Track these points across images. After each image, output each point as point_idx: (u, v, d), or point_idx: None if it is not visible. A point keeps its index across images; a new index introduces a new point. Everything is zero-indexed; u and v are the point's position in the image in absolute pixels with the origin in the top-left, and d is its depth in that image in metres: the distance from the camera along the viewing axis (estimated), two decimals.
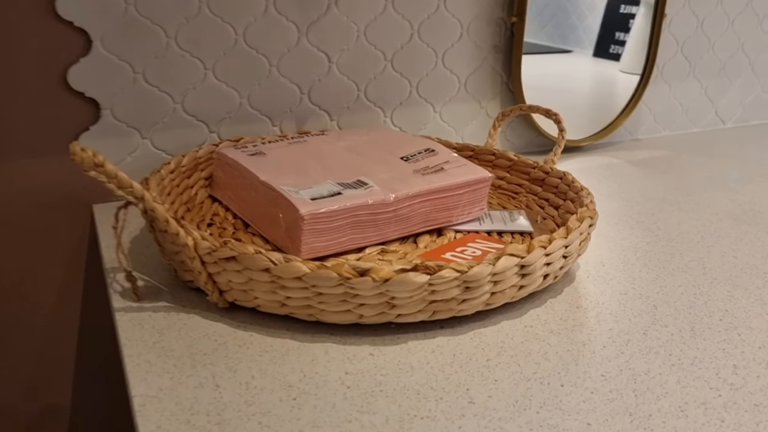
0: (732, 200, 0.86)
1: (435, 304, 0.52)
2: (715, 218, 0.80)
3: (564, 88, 1.05)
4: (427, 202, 0.66)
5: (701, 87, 1.18)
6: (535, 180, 0.78)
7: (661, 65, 1.12)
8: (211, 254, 0.53)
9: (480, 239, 0.66)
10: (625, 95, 1.09)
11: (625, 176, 0.95)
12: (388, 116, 0.93)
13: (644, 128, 1.16)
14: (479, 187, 0.70)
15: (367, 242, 0.64)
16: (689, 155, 1.07)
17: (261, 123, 0.86)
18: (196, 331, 0.53)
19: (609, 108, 1.09)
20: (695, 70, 1.16)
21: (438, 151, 0.74)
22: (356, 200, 0.62)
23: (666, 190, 0.90)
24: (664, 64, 1.12)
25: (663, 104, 1.15)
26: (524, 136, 1.04)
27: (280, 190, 0.62)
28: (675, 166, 1.01)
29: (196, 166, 0.76)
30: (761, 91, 1.26)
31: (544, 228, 0.71)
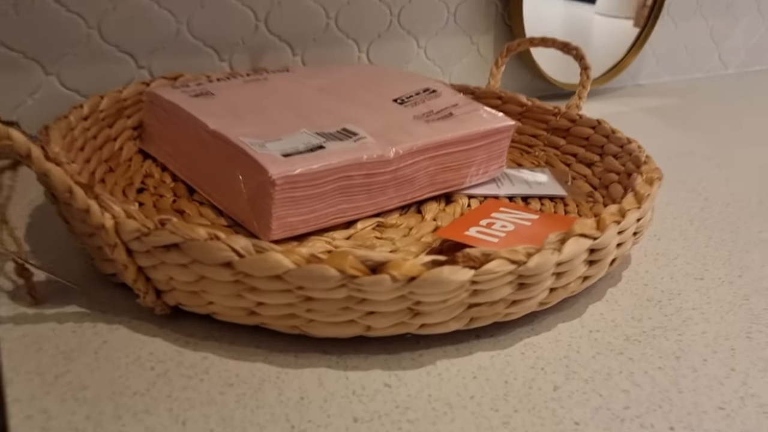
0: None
1: (476, 308, 0.36)
2: (765, 175, 0.66)
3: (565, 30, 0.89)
4: (435, 158, 0.50)
5: (707, 26, 1.04)
6: (556, 130, 0.63)
7: (668, 2, 0.97)
8: (141, 240, 0.35)
9: (504, 207, 0.50)
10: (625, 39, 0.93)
11: (641, 127, 0.81)
12: (363, 51, 0.75)
13: (647, 73, 1.02)
14: (500, 139, 0.53)
15: (359, 214, 0.47)
16: (701, 103, 0.93)
17: (205, 57, 0.67)
18: (123, 354, 0.36)
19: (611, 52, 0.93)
20: (702, 8, 1.02)
21: (440, 91, 0.57)
22: (346, 156, 0.45)
23: (693, 143, 0.76)
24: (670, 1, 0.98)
25: (667, 46, 1.01)
26: (520, 79, 0.88)
27: (239, 143, 0.45)
28: (691, 115, 0.87)
29: (119, 111, 0.57)
30: (765, 32, 1.13)
31: (578, 191, 0.55)
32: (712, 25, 1.05)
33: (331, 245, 0.45)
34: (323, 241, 0.45)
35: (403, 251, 0.45)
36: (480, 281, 0.34)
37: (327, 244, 0.45)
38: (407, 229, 0.48)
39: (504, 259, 0.34)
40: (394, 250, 0.45)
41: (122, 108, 0.57)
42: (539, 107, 0.64)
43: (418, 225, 0.48)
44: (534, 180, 0.56)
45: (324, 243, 0.45)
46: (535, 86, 0.89)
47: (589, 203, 0.54)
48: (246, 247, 0.33)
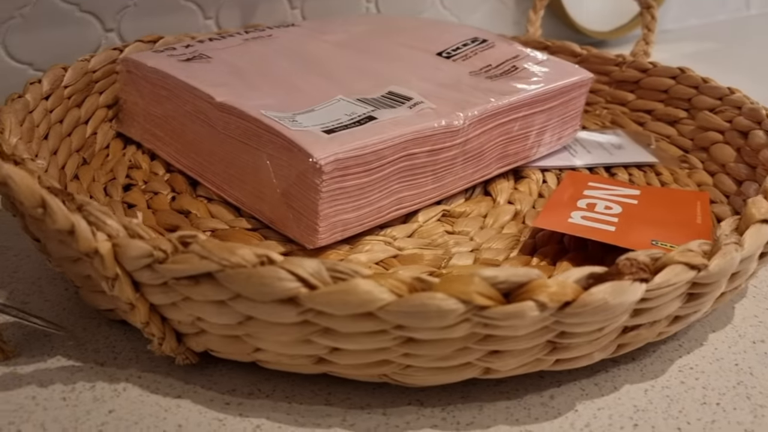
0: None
1: (632, 332, 0.26)
2: None
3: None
4: (506, 124, 0.39)
5: None
6: (621, 83, 0.52)
7: None
8: (153, 269, 0.24)
9: (593, 182, 0.40)
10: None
11: None
12: (371, 1, 0.63)
13: (671, 16, 0.92)
14: (576, 96, 0.43)
15: (421, 202, 0.37)
16: (739, 48, 0.84)
17: (186, 14, 0.55)
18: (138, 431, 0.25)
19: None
20: None
21: (492, 40, 0.46)
22: (407, 127, 0.34)
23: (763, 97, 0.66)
24: None
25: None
26: (550, 29, 0.77)
27: (262, 119, 0.33)
28: (738, 62, 0.78)
29: (88, 86, 0.44)
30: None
31: (666, 155, 0.45)
32: None
33: (393, 247, 0.34)
34: (382, 242, 0.34)
35: (487, 249, 0.34)
36: (651, 297, 0.24)
37: (388, 246, 0.34)
38: (480, 217, 0.37)
39: (681, 264, 0.24)
40: (475, 249, 0.34)
41: (91, 81, 0.44)
42: (598, 56, 0.53)
43: (492, 211, 0.38)
44: (610, 146, 0.46)
45: (383, 245, 0.34)
46: (560, 35, 0.78)
47: (685, 169, 0.44)
48: (318, 273, 0.22)
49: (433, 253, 0.33)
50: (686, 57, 0.78)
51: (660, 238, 0.32)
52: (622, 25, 0.82)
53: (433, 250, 0.34)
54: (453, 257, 0.33)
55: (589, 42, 0.80)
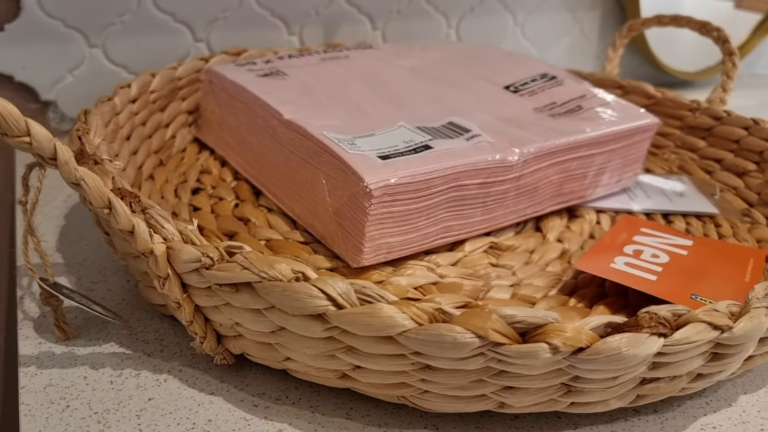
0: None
1: (651, 385, 0.26)
2: None
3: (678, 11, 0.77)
4: (564, 163, 0.39)
5: None
6: (693, 129, 0.51)
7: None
8: (200, 273, 0.26)
9: (646, 228, 0.40)
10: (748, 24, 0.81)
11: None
12: (452, 27, 0.65)
13: (765, 61, 0.89)
14: (640, 140, 0.43)
15: (469, 232, 0.38)
16: None
17: (272, 29, 0.58)
18: (173, 420, 0.27)
19: None
20: None
21: (562, 77, 0.47)
22: (460, 159, 0.35)
23: None
24: None
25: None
26: (633, 67, 0.76)
27: (323, 140, 0.35)
28: None
29: (173, 92, 0.48)
30: None
31: (728, 207, 0.44)
32: None
33: (435, 273, 0.35)
34: (424, 267, 0.35)
35: (527, 286, 0.35)
36: (669, 353, 0.24)
37: (430, 272, 0.35)
38: (527, 253, 0.38)
39: (703, 323, 0.24)
40: (515, 284, 0.35)
41: (176, 88, 0.48)
42: (672, 100, 0.53)
43: (540, 248, 0.38)
44: (672, 192, 0.45)
45: (426, 270, 0.35)
46: (642, 73, 0.77)
47: (746, 223, 0.43)
48: (346, 294, 0.24)
49: (473, 284, 0.34)
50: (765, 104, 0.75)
51: (701, 292, 0.32)
52: (710, 67, 0.80)
53: (473, 281, 0.35)
54: (491, 290, 0.34)
55: (674, 82, 0.78)
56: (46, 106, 0.52)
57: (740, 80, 0.85)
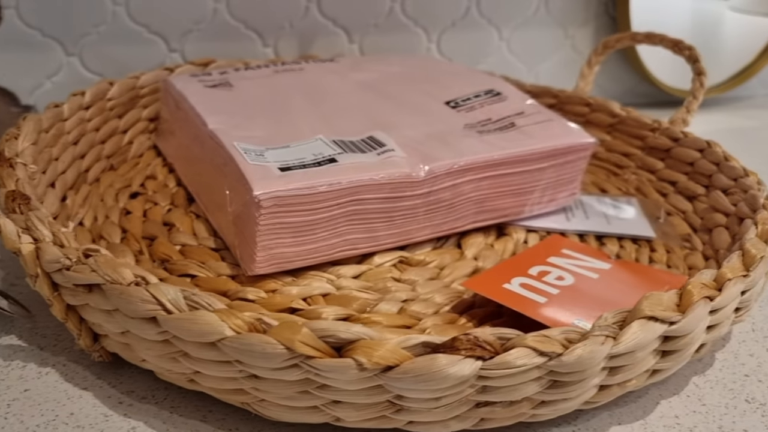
0: None
1: (488, 408, 0.26)
2: None
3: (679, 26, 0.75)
4: (485, 180, 0.39)
5: None
6: (653, 150, 0.50)
7: None
8: (63, 274, 0.27)
9: (568, 248, 0.39)
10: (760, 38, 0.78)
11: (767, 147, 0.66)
12: (432, 41, 0.65)
13: None
14: (573, 160, 0.42)
15: (378, 245, 0.38)
16: None
17: (246, 41, 0.59)
18: (37, 412, 0.28)
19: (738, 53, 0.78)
20: None
21: (506, 94, 0.46)
22: (360, 174, 0.35)
23: None
24: None
25: None
26: (622, 82, 0.75)
27: (230, 149, 0.36)
28: None
29: (133, 100, 0.50)
30: None
31: (671, 232, 0.43)
32: None
33: (333, 285, 0.35)
34: (324, 278, 0.36)
35: (423, 301, 0.35)
36: (492, 377, 0.24)
37: (328, 283, 0.35)
38: (438, 269, 0.38)
39: (529, 348, 0.24)
40: (410, 299, 0.35)
41: (137, 97, 0.50)
42: (635, 119, 0.51)
43: (453, 264, 0.38)
44: (615, 213, 0.44)
45: (323, 281, 0.36)
46: (641, 91, 0.75)
47: (685, 250, 0.42)
48: (176, 300, 0.25)
49: (367, 297, 0.35)
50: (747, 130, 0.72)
51: (588, 318, 0.31)
52: (718, 84, 0.77)
53: (369, 294, 0.35)
54: (379, 304, 0.34)
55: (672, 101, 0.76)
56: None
57: (755, 100, 0.82)
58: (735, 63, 0.79)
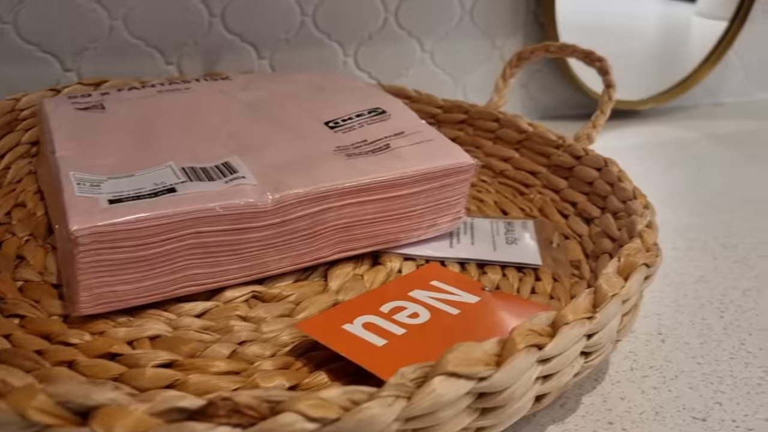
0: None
1: None
2: None
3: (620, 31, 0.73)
4: (348, 207, 0.37)
5: None
6: (558, 167, 0.47)
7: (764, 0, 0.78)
8: None
9: (438, 280, 0.36)
10: (704, 44, 0.75)
11: (704, 159, 0.63)
12: (349, 55, 0.63)
13: (730, 88, 0.82)
14: (454, 183, 0.39)
15: (226, 280, 0.35)
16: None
17: (147, 59, 0.57)
18: None
19: (682, 61, 0.76)
20: None
21: (392, 113, 0.44)
22: (193, 205, 0.32)
23: None
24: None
25: (760, 54, 0.81)
26: (558, 93, 0.72)
27: (63, 180, 0.34)
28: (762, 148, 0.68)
29: (11, 123, 0.47)
30: None
31: (562, 259, 0.40)
32: None
33: (170, 325, 0.33)
34: (163, 318, 0.33)
35: (263, 342, 0.32)
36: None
37: (165, 324, 0.33)
38: (293, 304, 0.35)
39: (299, 414, 0.21)
40: (249, 341, 0.32)
41: (15, 120, 0.47)
42: (540, 136, 0.49)
43: (312, 298, 0.36)
44: (506, 238, 0.42)
45: (162, 322, 0.33)
46: (577, 102, 0.73)
47: (573, 278, 0.39)
48: None
49: (205, 338, 0.32)
50: (714, 138, 0.69)
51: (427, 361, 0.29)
52: (657, 94, 0.75)
53: (208, 335, 0.32)
54: (212, 346, 0.31)
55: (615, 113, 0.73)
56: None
57: (699, 110, 0.79)
58: (678, 71, 0.76)
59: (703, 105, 0.81)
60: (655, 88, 0.75)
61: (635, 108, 0.73)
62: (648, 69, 0.75)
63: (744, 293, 0.41)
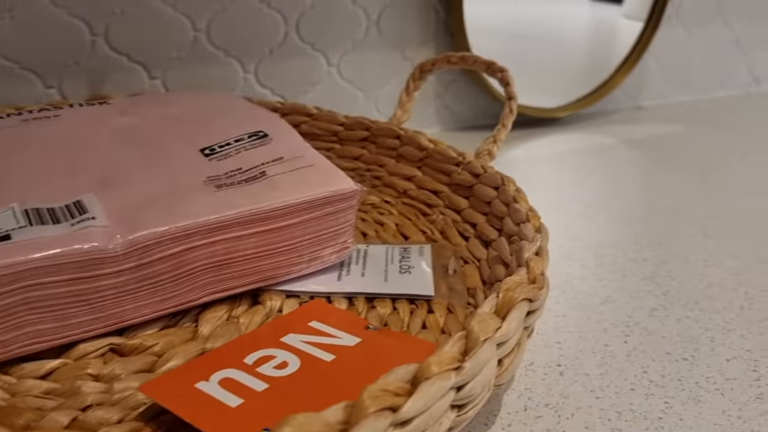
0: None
1: None
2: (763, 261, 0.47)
3: (539, 35, 0.71)
4: (217, 245, 0.33)
5: (731, 34, 0.84)
6: (459, 186, 0.45)
7: (677, 2, 0.78)
8: None
9: (317, 321, 0.33)
10: (626, 47, 0.75)
11: (621, 167, 0.62)
12: (249, 72, 0.59)
13: (650, 91, 0.82)
14: (336, 211, 0.37)
15: (78, 334, 0.31)
16: (714, 132, 0.73)
17: (22, 82, 0.52)
18: None
19: (602, 65, 0.75)
20: (724, 10, 0.81)
21: (274, 136, 0.41)
22: (29, 254, 0.29)
23: (683, 194, 0.56)
24: (681, 0, 0.78)
25: (678, 58, 0.81)
26: (474, 103, 0.70)
27: None
28: (696, 149, 0.68)
29: None
30: None
31: (457, 288, 0.38)
32: (738, 33, 0.84)
33: (7, 391, 0.29)
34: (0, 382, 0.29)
35: (112, 405, 0.28)
36: None
37: (2, 390, 0.29)
38: (156, 356, 0.32)
39: None
40: (97, 404, 0.29)
41: None
42: (441, 153, 0.46)
43: (178, 347, 0.32)
44: (398, 267, 0.39)
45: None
46: (493, 111, 0.71)
47: (469, 310, 0.36)
48: None
49: (46, 404, 0.28)
50: (630, 143, 0.68)
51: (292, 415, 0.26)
52: (575, 101, 0.74)
53: (50, 400, 0.29)
54: (50, 414, 0.28)
55: (533, 121, 0.72)
56: None
57: (619, 115, 0.78)
58: (599, 75, 0.75)
59: (624, 109, 0.80)
60: (576, 93, 0.74)
61: (553, 116, 0.72)
62: (569, 74, 0.74)
63: (650, 314, 0.39)
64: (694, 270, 0.44)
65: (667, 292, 0.41)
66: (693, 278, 0.43)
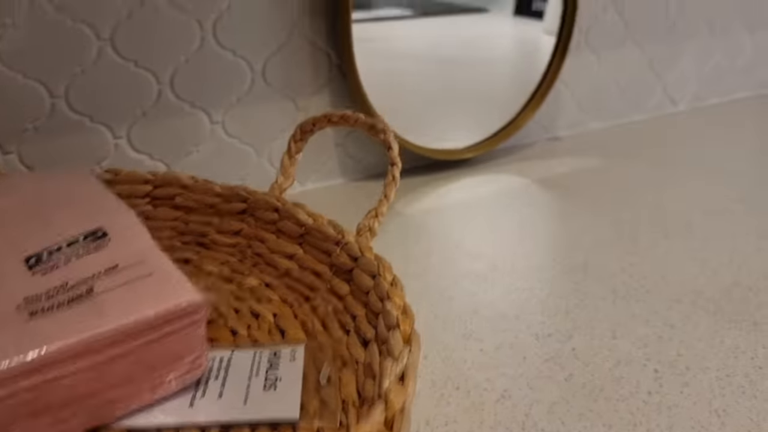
0: (702, 260, 0.50)
1: None
2: (685, 308, 0.44)
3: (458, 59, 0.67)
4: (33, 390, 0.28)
5: (644, 55, 0.81)
6: (339, 269, 0.40)
7: (585, 27, 0.75)
8: None
9: None
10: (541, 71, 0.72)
11: (533, 212, 0.58)
12: (121, 136, 0.54)
13: (565, 120, 0.79)
14: (176, 330, 0.31)
15: None
16: (631, 162, 0.71)
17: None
18: None
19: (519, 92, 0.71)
20: (634, 32, 0.79)
21: (113, 235, 0.35)
22: None
23: (594, 244, 0.53)
24: (588, 26, 0.75)
25: (590, 84, 0.79)
26: (377, 150, 0.66)
27: None
28: (611, 185, 0.65)
29: None
30: (721, 59, 0.90)
31: (330, 401, 0.33)
32: (651, 55, 0.82)
33: None
34: None
35: None
36: None
37: None
38: None
39: None
40: None
41: None
42: (319, 230, 0.42)
43: None
44: (264, 380, 0.34)
45: None
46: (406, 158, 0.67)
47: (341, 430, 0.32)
48: None
49: None
50: (541, 182, 0.65)
51: None
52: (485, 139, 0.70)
53: None
54: None
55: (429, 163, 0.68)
56: None
57: (535, 147, 0.75)
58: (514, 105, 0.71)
59: (540, 141, 0.77)
60: (490, 126, 0.70)
61: (460, 157, 0.68)
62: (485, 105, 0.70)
63: (550, 409, 0.35)
64: (600, 344, 0.40)
65: (570, 376, 0.38)
66: (599, 355, 0.39)
